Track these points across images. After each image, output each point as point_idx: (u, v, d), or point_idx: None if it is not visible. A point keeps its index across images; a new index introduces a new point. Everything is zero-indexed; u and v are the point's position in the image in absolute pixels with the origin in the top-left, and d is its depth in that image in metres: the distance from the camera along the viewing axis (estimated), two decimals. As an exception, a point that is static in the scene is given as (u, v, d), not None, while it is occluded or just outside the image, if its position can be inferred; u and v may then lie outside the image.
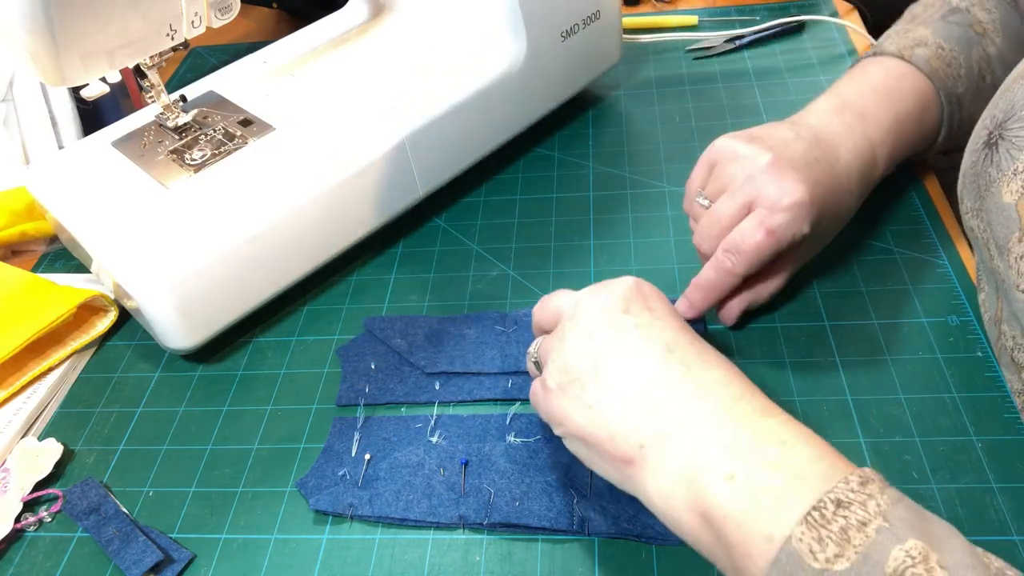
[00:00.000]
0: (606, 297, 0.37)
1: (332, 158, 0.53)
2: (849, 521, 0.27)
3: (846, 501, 0.28)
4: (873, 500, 0.28)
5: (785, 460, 0.30)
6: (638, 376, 0.34)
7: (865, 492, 0.28)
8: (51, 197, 0.55)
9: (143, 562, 0.41)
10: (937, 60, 0.50)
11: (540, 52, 0.60)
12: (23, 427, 0.50)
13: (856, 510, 0.28)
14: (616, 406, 0.34)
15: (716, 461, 0.31)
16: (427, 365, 0.49)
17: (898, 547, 0.26)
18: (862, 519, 0.27)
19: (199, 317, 0.50)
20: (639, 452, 0.33)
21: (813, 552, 0.27)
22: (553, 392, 0.36)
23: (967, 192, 0.42)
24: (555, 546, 0.40)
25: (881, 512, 0.27)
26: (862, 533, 0.27)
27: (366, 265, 0.58)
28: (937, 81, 0.50)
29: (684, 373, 0.33)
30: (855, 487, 0.28)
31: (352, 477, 0.44)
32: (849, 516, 0.27)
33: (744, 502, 0.29)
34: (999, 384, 0.43)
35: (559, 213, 0.59)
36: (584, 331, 0.36)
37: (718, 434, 0.31)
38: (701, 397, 0.33)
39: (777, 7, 0.78)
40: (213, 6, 0.52)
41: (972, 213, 0.41)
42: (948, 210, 0.54)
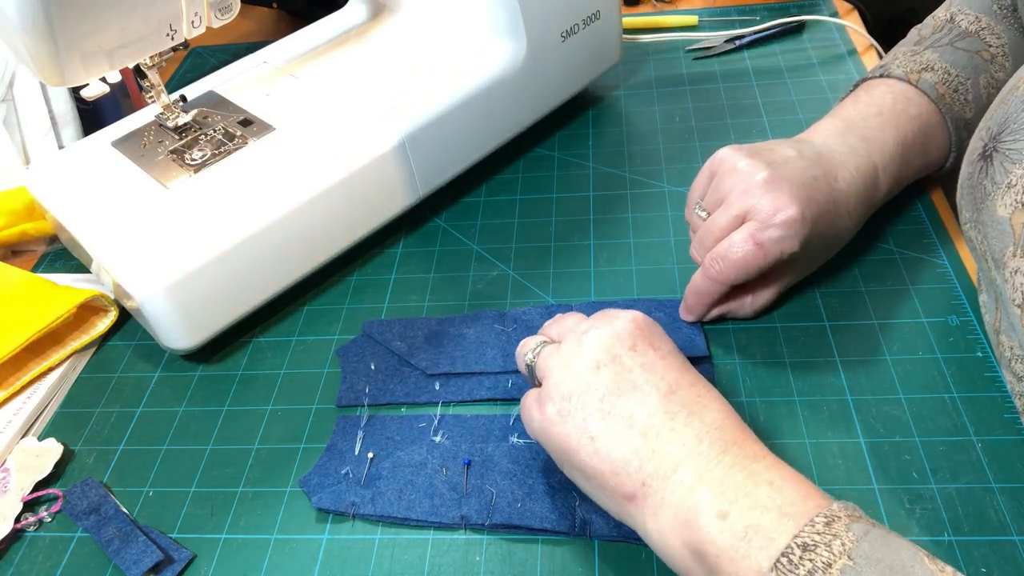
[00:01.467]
0: (614, 332, 0.37)
1: (332, 158, 0.53)
2: (815, 563, 0.29)
3: (811, 544, 0.29)
4: (838, 539, 0.29)
5: (773, 501, 0.31)
6: (642, 415, 0.35)
7: (830, 532, 0.29)
8: (51, 197, 0.55)
9: (143, 562, 0.41)
10: (944, 86, 0.50)
11: (540, 52, 0.60)
12: (23, 427, 0.50)
13: (821, 552, 0.29)
14: (621, 443, 0.35)
15: (710, 501, 0.32)
16: (428, 366, 0.49)
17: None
18: (827, 560, 0.29)
19: (199, 317, 0.50)
20: (641, 490, 0.34)
21: None
22: (552, 419, 0.36)
23: (965, 203, 0.42)
24: (555, 547, 0.40)
25: (846, 551, 0.29)
26: (827, 574, 0.28)
27: (366, 265, 0.58)
28: (943, 106, 0.50)
29: (685, 416, 0.35)
30: (820, 528, 0.30)
31: (355, 476, 0.44)
32: (815, 559, 0.29)
33: (735, 539, 0.31)
34: (999, 384, 0.43)
35: (559, 213, 0.59)
36: (591, 362, 0.36)
37: (712, 476, 0.33)
38: (698, 441, 0.34)
39: (777, 7, 0.78)
40: (213, 6, 0.52)
41: (970, 224, 0.41)
42: (948, 211, 0.54)
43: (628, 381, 0.36)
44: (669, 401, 0.35)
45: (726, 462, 0.33)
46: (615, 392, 0.36)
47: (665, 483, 0.33)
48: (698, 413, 0.35)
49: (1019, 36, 0.51)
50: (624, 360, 0.36)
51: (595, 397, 0.36)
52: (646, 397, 0.35)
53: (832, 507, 0.30)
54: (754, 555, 0.30)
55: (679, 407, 0.35)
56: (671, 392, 0.35)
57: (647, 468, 0.34)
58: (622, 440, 0.35)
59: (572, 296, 0.53)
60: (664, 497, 0.33)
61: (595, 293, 0.52)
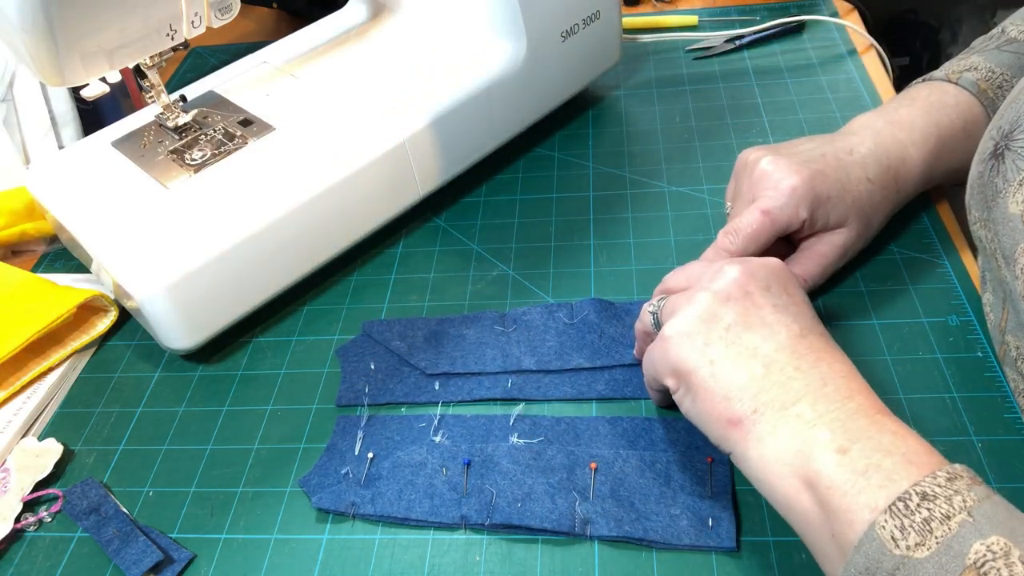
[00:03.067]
0: (749, 270, 0.38)
1: (332, 158, 0.53)
2: (933, 513, 0.28)
3: (931, 494, 0.29)
4: (959, 496, 0.29)
5: (897, 448, 0.31)
6: (768, 349, 0.35)
7: (952, 488, 0.29)
8: (51, 197, 0.55)
9: (143, 562, 0.41)
10: (986, 82, 0.50)
11: (540, 52, 0.60)
12: (23, 427, 0.50)
13: (941, 504, 0.29)
14: (740, 370, 0.35)
15: (830, 437, 0.32)
16: (427, 366, 0.49)
17: (979, 541, 0.27)
18: (946, 512, 0.28)
19: (199, 317, 0.50)
20: (750, 416, 0.34)
21: (895, 539, 0.28)
22: (673, 339, 0.37)
23: (974, 202, 0.42)
24: (555, 547, 0.40)
25: (966, 508, 0.28)
26: (945, 526, 0.28)
27: (366, 265, 0.58)
28: (986, 101, 0.50)
29: (813, 360, 0.35)
30: (942, 482, 0.29)
31: (355, 476, 0.44)
32: (933, 509, 0.29)
33: (853, 474, 0.30)
34: (999, 384, 0.43)
35: (559, 213, 0.59)
36: (723, 295, 0.37)
37: (835, 415, 0.33)
38: (823, 383, 0.34)
39: (777, 7, 0.78)
40: (213, 6, 0.52)
41: (980, 223, 0.42)
42: (948, 211, 0.54)
43: (758, 317, 0.36)
44: (798, 343, 0.35)
45: (850, 408, 0.33)
46: (742, 324, 0.36)
47: (780, 414, 0.33)
48: (826, 360, 0.35)
49: None
50: (756, 297, 0.37)
51: (721, 326, 0.36)
52: (775, 334, 0.35)
53: (955, 466, 0.30)
54: (871, 491, 0.30)
55: (807, 350, 0.35)
56: (802, 335, 0.35)
57: (762, 397, 0.34)
58: (743, 367, 0.35)
59: (572, 296, 0.53)
60: (775, 426, 0.33)
61: (595, 293, 0.52)
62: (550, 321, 0.50)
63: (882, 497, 0.30)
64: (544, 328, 0.50)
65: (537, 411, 0.46)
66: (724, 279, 0.38)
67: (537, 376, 0.48)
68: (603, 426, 0.44)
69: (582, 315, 0.50)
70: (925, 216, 0.54)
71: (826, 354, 0.35)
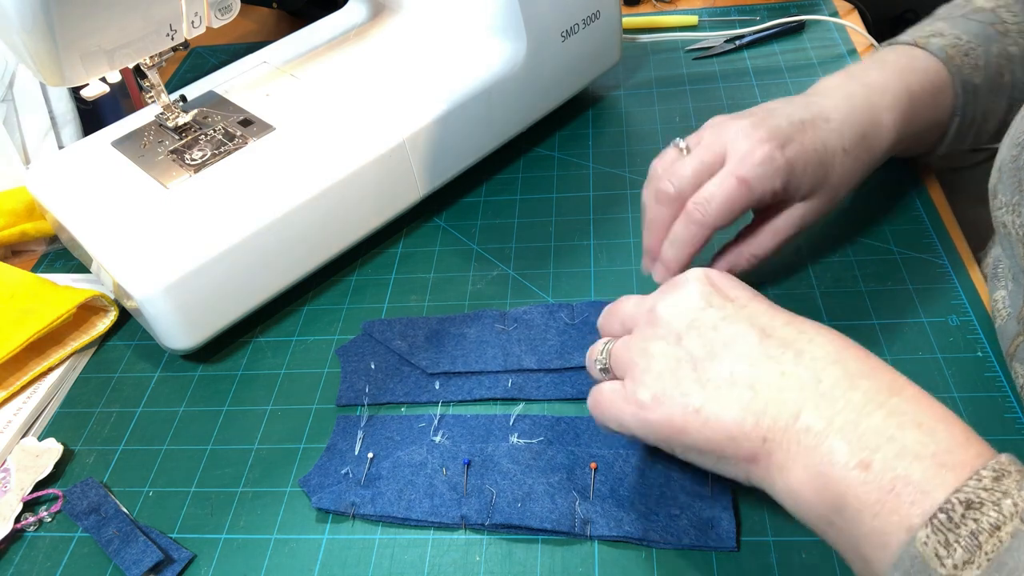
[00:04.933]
0: (684, 297, 0.35)
1: (332, 158, 0.53)
2: (980, 525, 0.25)
3: (977, 502, 0.26)
4: (1008, 499, 0.26)
5: (925, 447, 0.27)
6: (743, 369, 0.32)
7: (1000, 489, 0.26)
8: (51, 197, 0.55)
9: (143, 562, 0.41)
10: (953, 49, 0.49)
11: (540, 52, 0.60)
12: (23, 427, 0.50)
13: (988, 511, 0.25)
14: (729, 406, 0.31)
15: (847, 450, 0.28)
16: (428, 365, 0.49)
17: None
18: (995, 522, 0.25)
19: (199, 317, 0.50)
20: (763, 447, 0.31)
21: (939, 556, 0.26)
22: (649, 406, 0.33)
23: (1004, 186, 0.40)
24: (555, 547, 0.40)
25: (1018, 513, 0.25)
26: (995, 538, 0.25)
27: (366, 265, 0.58)
28: (952, 67, 0.49)
29: (793, 356, 0.31)
30: (988, 484, 0.26)
31: (355, 476, 0.44)
32: (980, 519, 0.25)
33: (880, 492, 0.27)
34: (999, 384, 0.43)
35: (559, 213, 0.59)
36: (671, 336, 0.34)
37: (844, 419, 0.29)
38: (817, 380, 0.30)
39: (777, 7, 0.78)
40: (213, 6, 0.52)
41: (1008, 208, 0.39)
42: (948, 210, 0.54)
43: (717, 341, 0.33)
44: (767, 345, 0.32)
45: (856, 400, 0.29)
46: (707, 357, 0.33)
47: (788, 434, 0.30)
48: (806, 350, 0.31)
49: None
50: (704, 321, 0.34)
51: (688, 369, 0.33)
52: (741, 349, 0.32)
53: (1000, 459, 0.27)
54: (904, 510, 0.27)
55: (781, 348, 0.32)
56: (766, 336, 0.32)
57: (764, 422, 0.30)
58: (730, 401, 0.31)
59: (572, 296, 0.53)
60: (790, 450, 0.30)
61: (595, 293, 0.52)
62: (551, 321, 0.50)
63: (916, 515, 0.26)
64: (545, 328, 0.50)
65: (537, 411, 0.46)
66: (662, 319, 0.35)
67: (537, 376, 0.48)
68: (603, 426, 0.44)
69: (583, 316, 0.50)
70: (925, 216, 0.54)
71: (802, 342, 0.32)
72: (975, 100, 0.50)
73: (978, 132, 0.52)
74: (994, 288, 0.46)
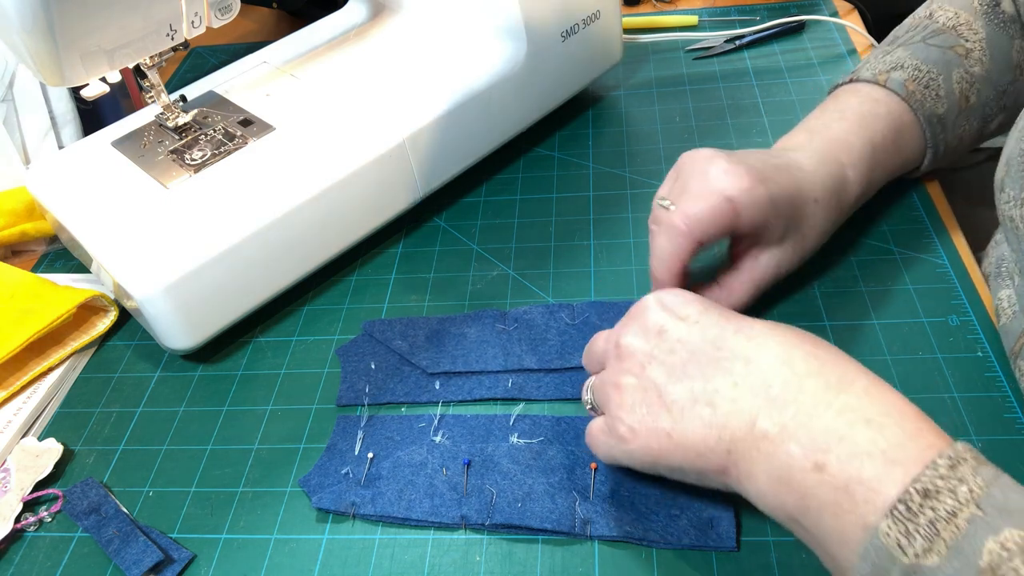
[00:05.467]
0: (642, 327, 0.37)
1: (332, 158, 0.53)
2: (938, 513, 0.26)
3: (933, 490, 0.27)
4: (964, 485, 0.27)
5: (875, 444, 0.29)
6: (700, 387, 0.33)
7: (955, 477, 0.27)
8: (51, 197, 0.55)
9: (143, 562, 0.41)
10: (913, 83, 0.49)
11: (540, 52, 0.60)
12: (23, 427, 0.50)
13: (945, 499, 0.27)
14: (694, 425, 0.33)
15: (801, 453, 0.30)
16: (429, 365, 0.49)
17: (992, 539, 0.25)
18: (951, 509, 0.26)
19: (199, 317, 0.50)
20: (729, 459, 0.32)
21: (901, 547, 0.27)
22: (628, 438, 0.35)
23: (1012, 180, 0.40)
24: (556, 547, 0.40)
25: (973, 499, 0.26)
26: (952, 525, 0.26)
27: (366, 265, 0.58)
28: (915, 103, 0.49)
29: (743, 366, 0.33)
30: (944, 472, 0.27)
31: (355, 476, 0.44)
32: (937, 507, 0.26)
33: (836, 492, 0.29)
34: (999, 384, 0.43)
35: (559, 213, 0.59)
36: (636, 367, 0.36)
37: (796, 423, 0.30)
38: (767, 385, 0.32)
39: (777, 7, 0.78)
40: (213, 6, 0.52)
41: (1015, 202, 0.39)
42: (948, 210, 0.54)
43: (676, 364, 0.34)
44: (720, 358, 0.33)
45: (806, 402, 0.30)
46: (669, 381, 0.34)
47: (747, 442, 0.31)
48: (754, 356, 0.33)
49: (999, 32, 0.51)
50: (661, 347, 0.35)
51: (654, 396, 0.35)
52: (695, 367, 0.34)
53: (956, 447, 0.28)
54: (859, 509, 0.28)
55: (731, 360, 0.33)
56: (717, 349, 0.34)
57: (726, 435, 0.32)
58: (693, 419, 0.33)
59: (572, 296, 0.53)
60: (752, 457, 0.31)
61: (595, 293, 0.52)
62: (551, 321, 0.50)
63: (870, 512, 0.28)
64: (546, 327, 0.50)
65: (537, 411, 0.46)
66: (626, 352, 0.36)
67: (538, 376, 0.48)
68: (603, 426, 0.44)
69: (583, 316, 0.50)
70: (925, 216, 0.54)
71: (751, 349, 0.33)
72: (943, 130, 0.50)
73: (953, 152, 0.53)
74: (997, 288, 0.46)
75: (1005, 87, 0.52)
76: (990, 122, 0.52)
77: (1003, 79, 0.51)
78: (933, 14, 0.53)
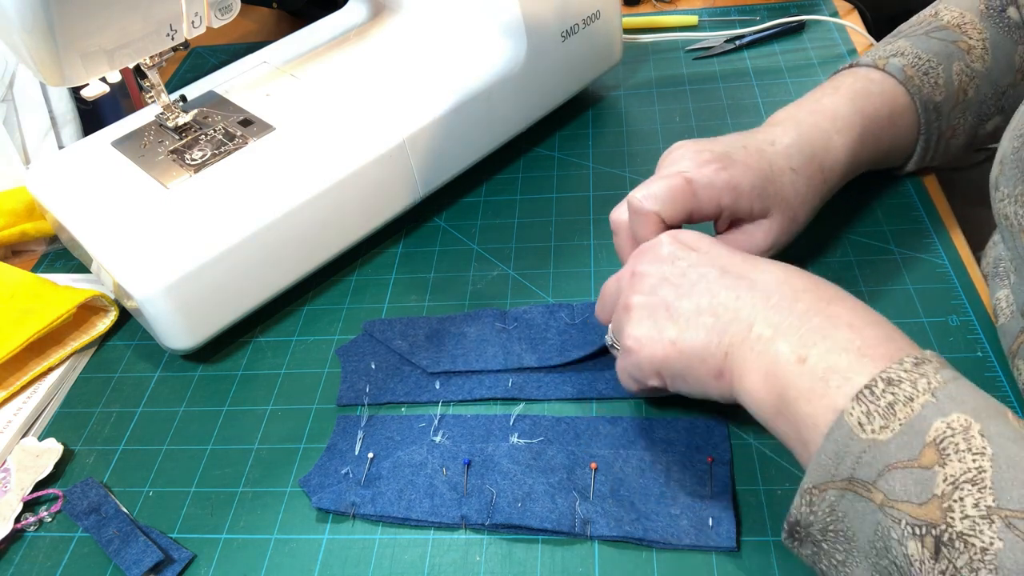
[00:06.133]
0: (654, 257, 0.40)
1: (332, 158, 0.53)
2: (897, 397, 0.30)
3: (896, 379, 0.30)
4: (924, 379, 0.30)
5: (852, 343, 0.32)
6: (706, 301, 0.37)
7: (918, 372, 0.30)
8: (51, 197, 0.55)
9: (143, 562, 0.41)
10: (913, 69, 0.50)
11: (540, 52, 0.60)
12: (23, 427, 0.50)
13: (905, 387, 0.30)
14: (697, 331, 0.36)
15: (788, 349, 0.33)
16: (429, 365, 0.49)
17: (940, 419, 0.29)
18: (909, 395, 0.29)
19: (199, 317, 0.50)
20: (726, 362, 0.35)
21: (861, 425, 0.30)
22: (635, 349, 0.38)
23: (1006, 178, 0.41)
24: (556, 547, 0.40)
25: (930, 389, 0.29)
26: (908, 407, 0.29)
27: (366, 265, 0.58)
28: (912, 88, 0.49)
29: (747, 285, 0.36)
30: (908, 367, 0.30)
31: (355, 476, 0.44)
32: (897, 393, 0.30)
33: (813, 380, 0.32)
34: (999, 384, 0.43)
35: (559, 213, 0.59)
36: (647, 288, 0.39)
37: (788, 324, 0.34)
38: (767, 297, 0.35)
39: (777, 7, 0.78)
40: (213, 6, 0.52)
41: (1010, 199, 0.40)
42: (948, 209, 0.54)
43: (684, 284, 0.38)
44: (726, 279, 0.36)
45: (799, 309, 0.34)
46: (678, 299, 0.37)
47: (744, 345, 0.35)
48: (759, 279, 0.36)
49: (1003, 35, 0.51)
50: (672, 270, 0.38)
51: (662, 310, 0.38)
52: (704, 285, 0.37)
53: (925, 353, 0.31)
54: (831, 394, 0.31)
55: (736, 279, 0.36)
56: (724, 271, 0.37)
57: (725, 339, 0.35)
58: (697, 328, 0.36)
59: (572, 296, 0.53)
60: (747, 357, 0.35)
61: (595, 293, 0.52)
62: (551, 320, 0.50)
63: (840, 396, 0.31)
64: (545, 327, 0.50)
65: (537, 411, 0.46)
66: (639, 276, 0.39)
67: (538, 376, 0.48)
68: (603, 426, 0.44)
69: (583, 316, 0.50)
70: (925, 216, 0.54)
71: (755, 272, 0.37)
72: (938, 119, 0.51)
73: (946, 148, 0.53)
74: (995, 288, 0.46)
75: (1005, 88, 0.52)
76: (986, 121, 0.52)
77: (1003, 80, 0.51)
78: (939, 13, 0.53)
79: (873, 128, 0.49)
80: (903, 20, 0.56)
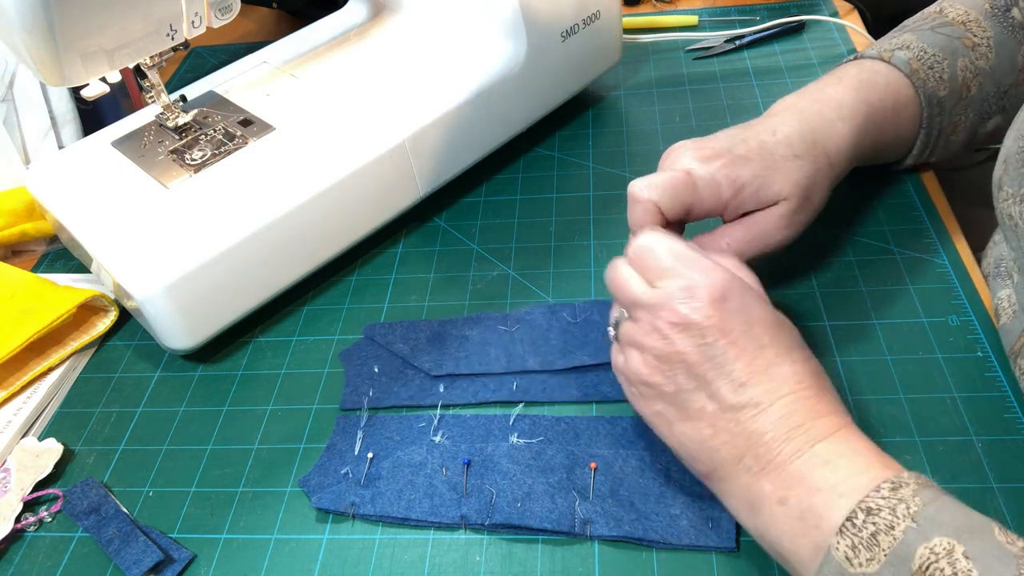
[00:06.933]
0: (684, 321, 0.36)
1: (332, 158, 0.53)
2: (878, 526, 0.30)
3: (875, 508, 0.31)
4: (903, 504, 0.30)
5: (826, 481, 0.33)
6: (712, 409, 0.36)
7: (896, 497, 0.31)
8: (51, 197, 0.55)
9: (143, 562, 0.41)
10: (918, 62, 0.50)
11: (540, 52, 0.60)
12: (23, 427, 0.50)
13: (885, 515, 0.30)
14: (693, 434, 0.37)
15: (770, 489, 0.34)
16: (432, 368, 0.49)
17: (923, 545, 0.29)
18: (889, 523, 0.30)
19: (199, 317, 0.50)
20: (713, 474, 0.37)
21: (849, 559, 0.30)
22: (636, 397, 0.40)
23: (1010, 178, 0.41)
24: (556, 546, 0.40)
25: (910, 515, 0.30)
26: (890, 536, 0.30)
27: (366, 265, 0.58)
28: (917, 80, 0.50)
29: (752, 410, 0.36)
30: (885, 493, 0.31)
31: (355, 476, 0.44)
32: (878, 522, 0.30)
33: (792, 520, 0.33)
34: (999, 384, 0.43)
35: (559, 213, 0.59)
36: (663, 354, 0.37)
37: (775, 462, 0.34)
38: (762, 432, 0.35)
39: (777, 7, 0.78)
40: (213, 6, 0.52)
41: (1014, 199, 0.41)
42: (948, 209, 0.54)
43: (701, 375, 0.36)
44: (738, 396, 0.36)
45: (787, 451, 0.34)
46: (688, 386, 0.37)
47: (732, 471, 0.36)
48: (765, 407, 0.36)
49: (1007, 34, 0.51)
50: (693, 354, 0.36)
51: (671, 388, 0.37)
52: (716, 393, 0.36)
53: (902, 475, 0.32)
54: (811, 534, 0.32)
55: (746, 402, 0.36)
56: (740, 387, 0.36)
57: (716, 459, 0.36)
58: (694, 431, 0.37)
59: (572, 296, 0.53)
60: (732, 482, 0.36)
61: (595, 293, 0.52)
62: (553, 320, 0.50)
63: (818, 535, 0.32)
64: (547, 327, 0.50)
65: (537, 411, 0.46)
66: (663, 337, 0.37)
67: (543, 378, 0.47)
68: (603, 426, 0.44)
69: (585, 315, 0.50)
70: (925, 216, 0.54)
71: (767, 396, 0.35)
72: (941, 113, 0.51)
73: (946, 144, 0.53)
74: (997, 288, 0.46)
75: (1007, 87, 0.52)
76: (986, 120, 0.52)
77: (1006, 79, 0.51)
78: (943, 10, 0.53)
79: (877, 118, 0.49)
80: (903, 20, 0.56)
